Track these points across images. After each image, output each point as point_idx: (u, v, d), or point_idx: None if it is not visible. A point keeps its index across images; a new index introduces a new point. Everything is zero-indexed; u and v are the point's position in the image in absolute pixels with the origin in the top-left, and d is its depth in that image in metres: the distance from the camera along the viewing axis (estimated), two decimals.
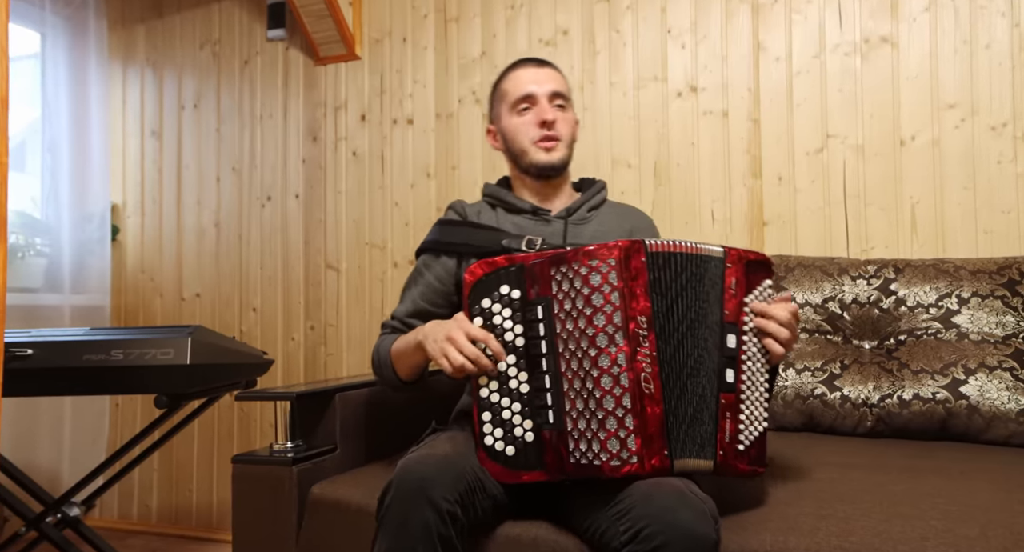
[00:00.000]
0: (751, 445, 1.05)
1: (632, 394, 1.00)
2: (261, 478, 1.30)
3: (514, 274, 1.08)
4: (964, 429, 1.48)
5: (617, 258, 1.02)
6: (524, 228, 1.35)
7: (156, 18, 2.77)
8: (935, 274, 1.63)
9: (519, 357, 1.06)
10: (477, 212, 1.40)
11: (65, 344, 1.49)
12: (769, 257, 1.11)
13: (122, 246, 2.79)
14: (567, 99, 1.39)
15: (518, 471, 1.05)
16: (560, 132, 1.36)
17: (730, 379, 1.05)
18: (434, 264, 1.36)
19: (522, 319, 1.07)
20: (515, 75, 1.38)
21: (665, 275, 1.04)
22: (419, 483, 0.97)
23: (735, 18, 2.05)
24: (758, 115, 2.02)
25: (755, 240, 2.01)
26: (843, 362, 1.62)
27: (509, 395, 1.06)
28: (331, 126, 2.51)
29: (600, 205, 1.43)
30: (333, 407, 1.44)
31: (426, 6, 2.39)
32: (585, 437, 1.00)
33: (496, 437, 1.05)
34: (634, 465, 0.98)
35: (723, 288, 1.07)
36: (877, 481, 1.17)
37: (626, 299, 1.02)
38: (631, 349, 1.00)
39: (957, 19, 1.84)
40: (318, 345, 2.50)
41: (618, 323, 1.01)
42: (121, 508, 2.75)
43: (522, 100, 1.36)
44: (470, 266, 1.10)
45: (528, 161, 1.37)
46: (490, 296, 1.08)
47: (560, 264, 1.05)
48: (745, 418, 1.05)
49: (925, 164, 1.85)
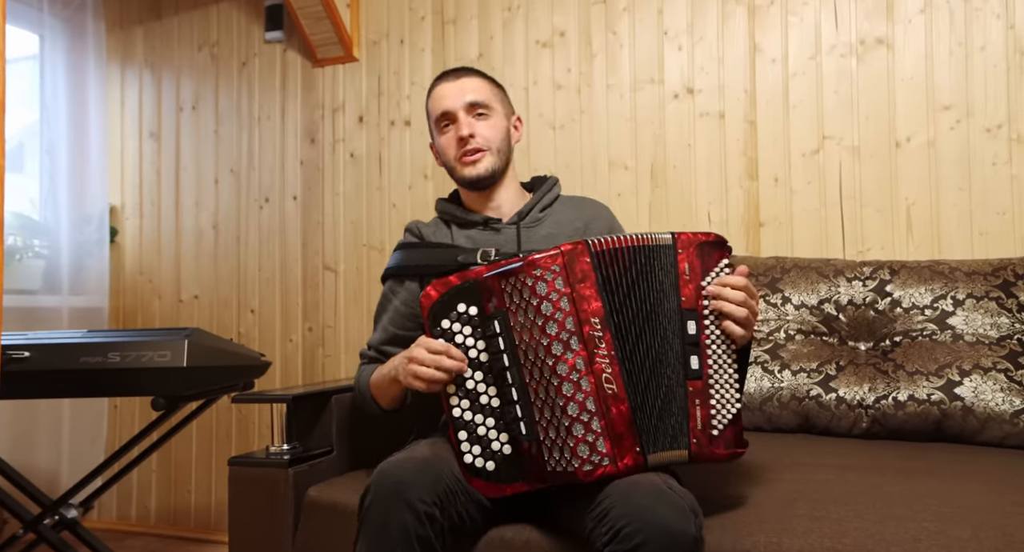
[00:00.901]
0: (725, 428, 1.05)
1: (595, 397, 1.00)
2: (257, 480, 1.31)
3: (468, 291, 1.08)
4: (959, 430, 1.48)
5: (561, 264, 1.03)
6: (478, 241, 1.35)
7: (154, 20, 2.77)
8: (930, 275, 1.64)
9: (485, 372, 1.07)
10: (433, 231, 1.41)
11: (62, 346, 1.49)
12: (722, 236, 1.11)
13: (120, 248, 2.80)
14: (488, 106, 1.36)
15: (501, 485, 1.05)
16: (482, 142, 1.34)
17: (695, 366, 1.05)
18: (399, 289, 1.37)
19: (483, 334, 1.07)
20: (434, 93, 1.38)
21: (614, 272, 1.04)
22: (396, 486, 0.98)
23: (731, 20, 2.05)
24: (754, 117, 2.02)
25: (751, 242, 2.01)
26: (839, 363, 1.62)
27: (481, 411, 1.06)
28: (329, 128, 2.51)
29: (553, 202, 1.42)
30: (329, 409, 1.44)
31: (423, 8, 2.39)
32: (556, 445, 1.01)
33: (475, 454, 1.06)
34: (607, 467, 0.99)
35: (677, 274, 1.07)
36: (872, 482, 1.18)
37: (576, 303, 1.02)
38: (588, 352, 1.01)
39: (952, 21, 1.84)
40: (316, 347, 2.50)
41: (571, 328, 1.02)
42: (120, 509, 2.75)
43: (441, 118, 1.36)
44: (425, 289, 1.10)
45: (457, 177, 1.37)
46: (448, 316, 1.08)
47: (508, 276, 1.05)
48: (716, 403, 1.05)
49: (921, 165, 1.86)
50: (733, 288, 1.07)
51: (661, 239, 1.08)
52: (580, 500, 1.01)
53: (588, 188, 2.16)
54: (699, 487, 1.10)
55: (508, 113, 1.42)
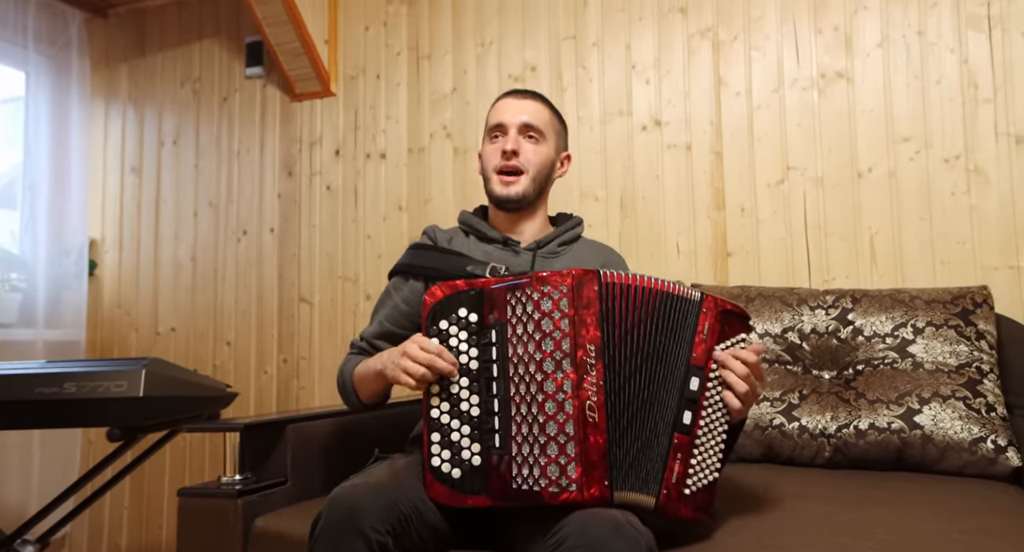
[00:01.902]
0: (698, 491, 1.04)
1: (576, 421, 0.99)
2: (206, 511, 1.29)
3: (473, 298, 1.09)
4: (919, 459, 1.47)
5: (570, 285, 1.03)
6: (493, 257, 1.37)
7: (139, 57, 2.83)
8: (891, 304, 1.64)
9: (472, 380, 1.07)
10: (449, 238, 1.42)
11: (17, 377, 1.48)
12: (748, 314, 1.11)
13: (99, 281, 2.80)
14: (541, 132, 1.38)
15: (463, 495, 1.04)
16: (523, 163, 1.36)
17: (687, 421, 1.05)
18: (403, 287, 1.39)
19: (477, 342, 1.07)
20: (497, 105, 1.42)
21: (620, 307, 1.04)
22: (349, 512, 0.97)
23: (697, 55, 2.10)
24: (720, 148, 2.05)
25: (719, 271, 2.02)
26: (802, 392, 1.61)
27: (459, 417, 1.06)
28: (306, 161, 2.55)
29: (574, 241, 1.44)
30: (285, 439, 1.43)
31: (399, 44, 2.45)
32: (528, 462, 1.00)
33: (443, 459, 1.05)
34: (573, 493, 0.97)
35: (695, 331, 1.07)
36: (824, 511, 1.16)
37: (576, 327, 1.02)
38: (577, 376, 1.00)
39: (908, 55, 1.88)
40: (291, 378, 2.49)
41: (566, 350, 1.01)
42: (90, 545, 2.70)
43: (494, 129, 1.39)
44: (431, 287, 1.11)
45: (488, 188, 1.39)
46: (447, 318, 1.09)
47: (516, 289, 1.06)
48: (696, 463, 1.04)
49: (882, 195, 1.88)
50: (743, 362, 1.07)
51: (688, 293, 1.08)
52: (537, 528, 0.99)
53: None
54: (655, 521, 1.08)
55: (560, 147, 1.45)
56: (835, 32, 1.96)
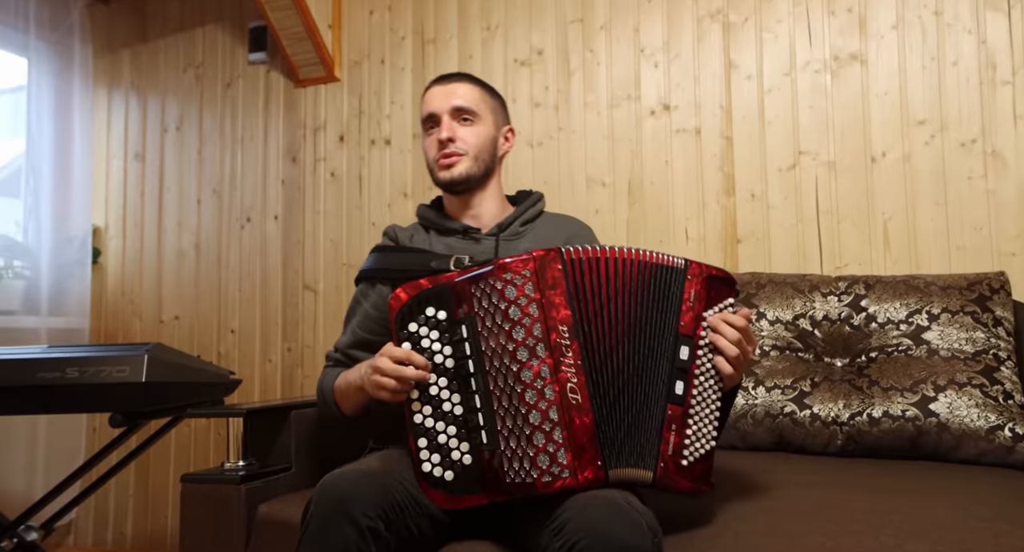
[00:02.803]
0: (696, 462, 1.02)
1: (559, 406, 0.97)
2: (209, 497, 1.27)
3: (438, 295, 1.05)
4: (934, 447, 1.44)
5: (532, 269, 1.01)
6: (456, 249, 1.33)
7: (141, 43, 2.80)
8: (905, 290, 1.61)
9: (450, 379, 1.04)
10: (410, 236, 1.39)
11: (19, 362, 1.47)
12: (732, 275, 1.09)
13: (103, 269, 2.79)
14: (474, 112, 1.35)
15: (459, 496, 1.01)
16: (461, 146, 1.33)
17: (679, 391, 1.03)
18: (370, 292, 1.35)
19: (449, 340, 1.04)
20: (425, 95, 1.38)
21: (590, 282, 1.02)
22: (338, 498, 0.95)
23: (707, 37, 2.06)
24: (730, 133, 2.01)
25: (729, 257, 1.99)
26: (814, 380, 1.59)
27: (443, 418, 1.03)
28: (310, 147, 2.52)
29: (535, 218, 1.40)
30: (289, 425, 1.42)
31: (404, 28, 2.41)
32: (517, 455, 0.98)
33: (434, 463, 1.02)
34: (567, 479, 0.95)
35: (681, 299, 1.05)
36: (835, 499, 1.14)
37: (545, 310, 1.00)
38: (554, 360, 0.98)
39: (924, 36, 1.84)
40: (295, 367, 2.48)
41: (538, 335, 0.99)
42: (96, 534, 2.70)
43: (427, 120, 1.36)
44: (395, 291, 1.08)
45: (434, 179, 1.37)
46: (416, 320, 1.06)
47: (479, 280, 1.03)
48: (692, 433, 1.02)
49: (896, 180, 1.84)
50: (732, 326, 1.05)
51: (672, 261, 1.06)
52: (538, 514, 0.97)
53: (566, 205, 2.15)
54: (658, 500, 1.06)
55: (499, 123, 1.41)
56: (849, 14, 1.91)
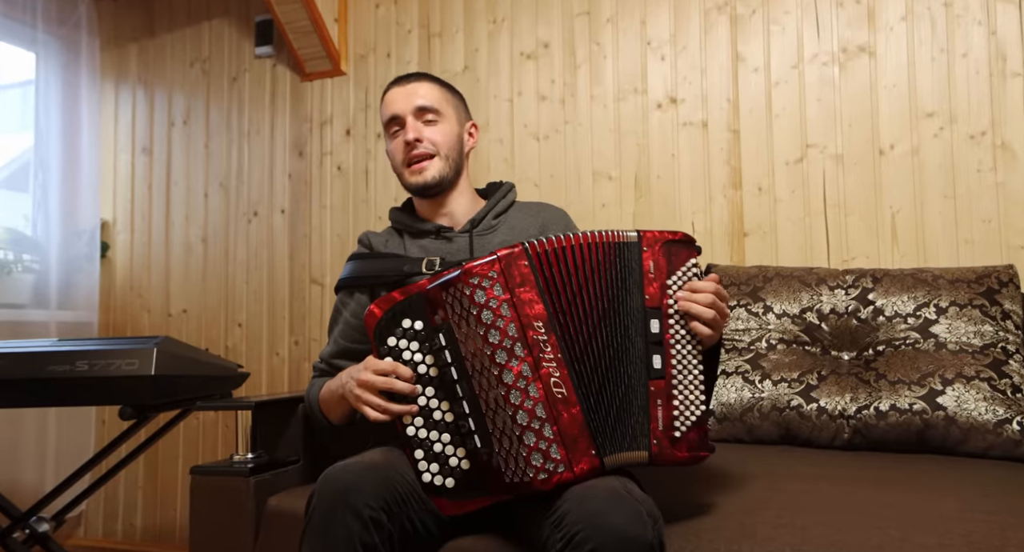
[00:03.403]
0: (688, 430, 1.02)
1: (545, 403, 0.98)
2: (218, 489, 1.28)
3: (412, 305, 1.05)
4: (942, 441, 1.44)
5: (498, 270, 1.01)
6: (430, 250, 1.33)
7: (148, 37, 2.81)
8: (913, 283, 1.61)
9: (436, 387, 1.03)
10: (384, 241, 1.38)
11: (30, 355, 1.48)
12: (690, 235, 1.08)
13: (111, 263, 2.80)
14: (437, 111, 1.33)
15: (463, 501, 1.02)
16: (430, 147, 1.32)
17: (657, 365, 1.02)
18: (349, 301, 1.35)
19: (429, 349, 1.04)
20: (385, 98, 1.36)
21: (558, 273, 1.02)
22: (342, 490, 0.96)
23: (714, 30, 2.05)
24: (737, 126, 2.01)
25: (736, 251, 1.99)
26: (820, 373, 1.59)
27: (436, 427, 1.03)
28: (317, 141, 2.52)
29: (507, 209, 1.39)
30: (297, 418, 1.42)
31: (410, 22, 2.41)
32: (511, 456, 0.98)
33: (433, 472, 1.02)
34: (563, 474, 0.96)
35: (642, 273, 1.04)
36: (842, 492, 1.14)
37: (517, 308, 1.00)
38: (534, 358, 0.99)
39: (934, 28, 1.83)
40: (302, 360, 2.49)
41: (514, 335, 0.99)
42: (106, 526, 2.72)
43: (390, 123, 1.34)
44: (369, 307, 1.07)
45: (404, 184, 1.35)
46: (394, 333, 1.05)
47: (449, 286, 1.02)
48: (679, 404, 1.02)
49: (905, 173, 1.83)
50: (700, 291, 1.04)
51: (624, 236, 1.05)
52: (538, 507, 0.98)
53: (572, 198, 2.15)
54: (663, 493, 1.07)
55: (462, 119, 1.40)
56: (857, 5, 1.90)
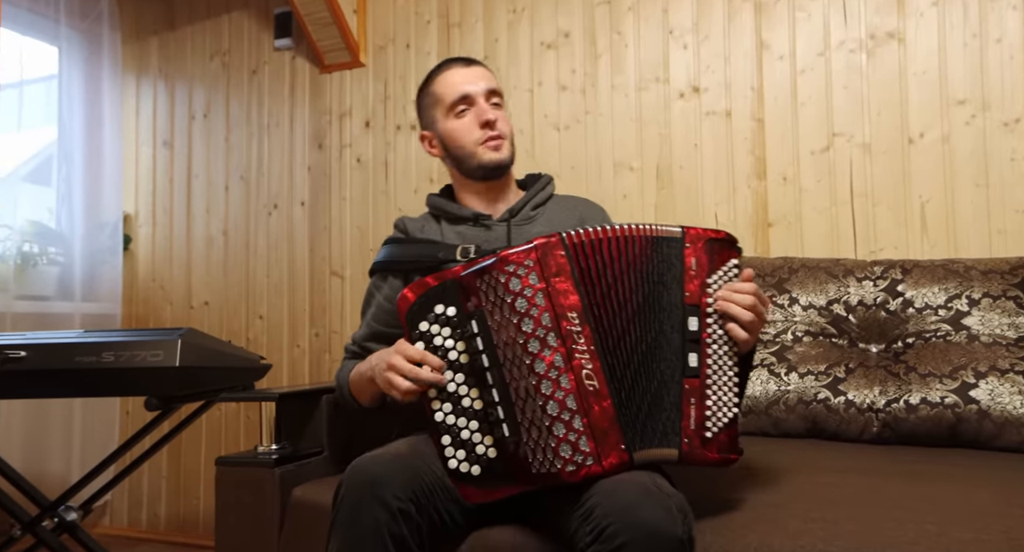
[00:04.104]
0: (720, 432, 1.01)
1: (576, 394, 0.96)
2: (243, 480, 1.29)
3: (445, 291, 1.04)
4: (974, 435, 1.41)
5: (534, 258, 1.00)
6: (468, 237, 1.32)
7: (168, 30, 2.82)
8: (944, 275, 1.57)
9: (466, 374, 1.02)
10: (420, 227, 1.38)
11: (57, 346, 1.49)
12: (732, 235, 1.07)
13: (134, 255, 2.83)
14: (502, 97, 1.36)
15: (489, 490, 1.01)
16: (503, 130, 1.32)
17: (693, 363, 1.01)
18: (383, 285, 1.35)
19: (461, 335, 1.03)
20: (445, 77, 1.34)
21: (594, 265, 1.01)
22: (369, 482, 0.96)
23: (738, 17, 2.02)
24: (762, 115, 1.97)
25: (760, 242, 1.96)
26: (848, 366, 1.56)
27: (464, 414, 1.02)
28: (336, 133, 2.52)
29: (546, 201, 1.39)
30: (320, 409, 1.42)
31: (429, 12, 2.40)
32: (540, 446, 0.97)
33: (460, 459, 1.01)
34: (591, 467, 0.95)
35: (683, 269, 1.03)
36: (873, 485, 1.12)
37: (552, 298, 0.99)
38: (567, 349, 0.97)
39: (966, 13, 1.78)
40: (323, 352, 2.49)
41: (548, 324, 0.98)
42: (131, 516, 2.76)
43: (459, 102, 1.32)
44: (402, 291, 1.06)
45: (476, 163, 1.32)
46: (426, 318, 1.04)
47: (483, 274, 1.01)
48: (712, 404, 1.01)
49: (935, 162, 1.80)
50: (741, 292, 1.02)
51: (668, 231, 1.04)
52: (565, 499, 0.97)
53: (593, 189, 2.13)
54: (693, 489, 1.05)
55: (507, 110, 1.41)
56: None
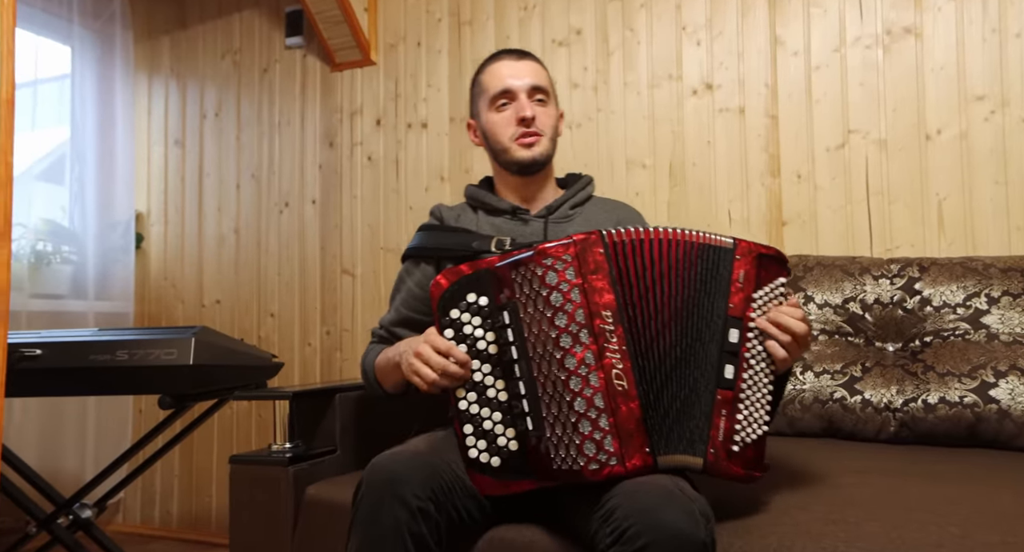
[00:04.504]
0: (747, 447, 1.00)
1: (604, 393, 0.95)
2: (257, 478, 1.29)
3: (479, 280, 1.03)
4: (994, 435, 1.39)
5: (573, 254, 0.99)
6: (503, 229, 1.31)
7: (180, 29, 2.82)
8: (962, 272, 1.55)
9: (493, 365, 1.02)
10: (456, 216, 1.37)
11: (72, 344, 1.50)
12: (784, 254, 1.05)
13: (146, 254, 2.83)
14: (548, 93, 1.34)
15: (506, 482, 1.01)
16: (540, 127, 1.32)
17: (729, 375, 1.00)
18: (414, 271, 1.35)
19: (492, 326, 1.02)
20: (493, 69, 1.33)
21: (632, 265, 1.00)
22: (388, 480, 0.95)
23: (751, 13, 2.00)
24: (776, 112, 1.96)
25: (774, 240, 1.94)
26: (864, 364, 1.54)
27: (488, 405, 1.02)
28: (347, 131, 2.52)
29: (585, 202, 1.38)
30: (333, 408, 1.42)
31: (440, 10, 2.39)
32: (563, 442, 0.96)
33: (480, 449, 1.01)
34: (614, 466, 0.94)
35: (730, 280, 1.02)
36: (894, 486, 1.11)
37: (588, 295, 0.98)
38: (598, 347, 0.96)
39: (985, 7, 1.76)
40: (334, 350, 2.49)
41: (581, 321, 0.97)
42: (143, 513, 2.77)
43: (501, 95, 1.31)
44: (436, 278, 1.06)
45: (508, 158, 1.32)
46: (458, 306, 1.04)
47: (520, 266, 1.01)
48: (743, 418, 1.00)
49: (952, 159, 1.77)
50: (787, 313, 1.01)
51: (718, 241, 1.03)
52: (586, 499, 0.96)
53: (606, 187, 2.11)
54: (710, 489, 1.04)
55: (557, 105, 1.40)
56: None
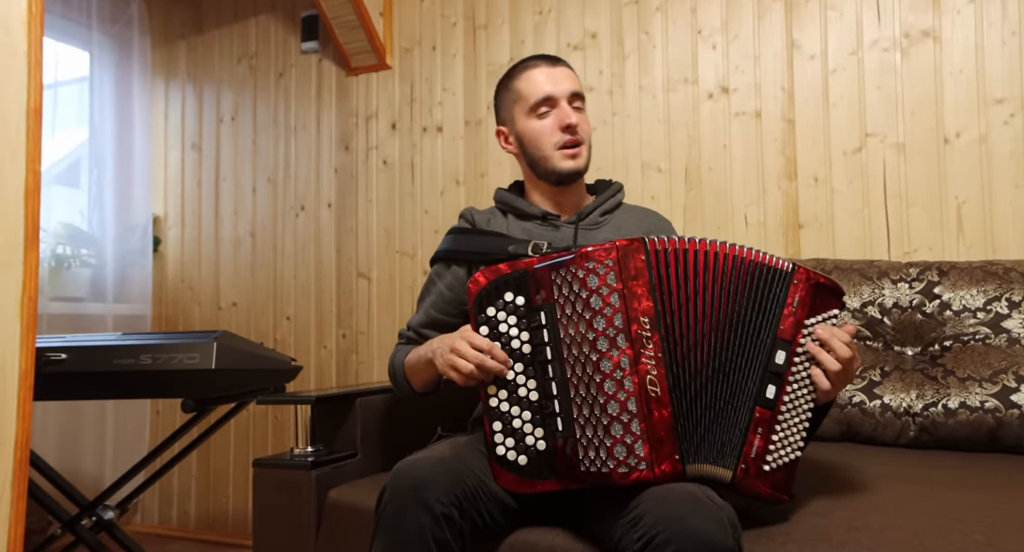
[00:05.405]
0: (778, 469, 1.00)
1: (638, 398, 0.96)
2: (280, 482, 1.30)
3: (517, 280, 1.05)
4: (1016, 440, 1.39)
5: (615, 259, 0.99)
6: (534, 234, 1.32)
7: (197, 34, 2.85)
8: (983, 276, 1.55)
9: (526, 364, 1.04)
10: (487, 219, 1.38)
11: (97, 349, 1.52)
12: (841, 287, 1.05)
13: (163, 257, 2.86)
14: (584, 100, 1.35)
15: (531, 481, 1.02)
16: (583, 135, 1.32)
17: (770, 395, 1.00)
18: (445, 273, 1.35)
19: (527, 325, 1.04)
20: (530, 75, 1.33)
21: (673, 274, 1.00)
22: (412, 486, 0.96)
23: (767, 16, 2.00)
24: (792, 115, 1.95)
25: (791, 244, 1.94)
26: (883, 369, 1.54)
27: (519, 403, 1.03)
28: (362, 135, 2.53)
29: (615, 209, 1.38)
30: (354, 412, 1.43)
31: (455, 14, 2.40)
32: (593, 444, 0.97)
33: (508, 447, 1.03)
34: (643, 471, 0.94)
35: (784, 303, 1.02)
36: (916, 492, 1.11)
37: (627, 300, 0.98)
38: (634, 352, 0.97)
39: (1005, 10, 1.75)
40: (350, 353, 2.51)
41: (619, 325, 0.98)
42: (162, 513, 2.80)
43: (543, 103, 1.30)
44: (474, 275, 1.07)
45: (550, 167, 1.32)
46: (494, 304, 1.06)
47: (560, 268, 1.02)
48: (778, 440, 1.00)
49: (972, 162, 1.77)
50: (841, 341, 1.01)
51: (777, 262, 1.03)
52: (611, 505, 0.97)
53: None
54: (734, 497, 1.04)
55: None
56: None
